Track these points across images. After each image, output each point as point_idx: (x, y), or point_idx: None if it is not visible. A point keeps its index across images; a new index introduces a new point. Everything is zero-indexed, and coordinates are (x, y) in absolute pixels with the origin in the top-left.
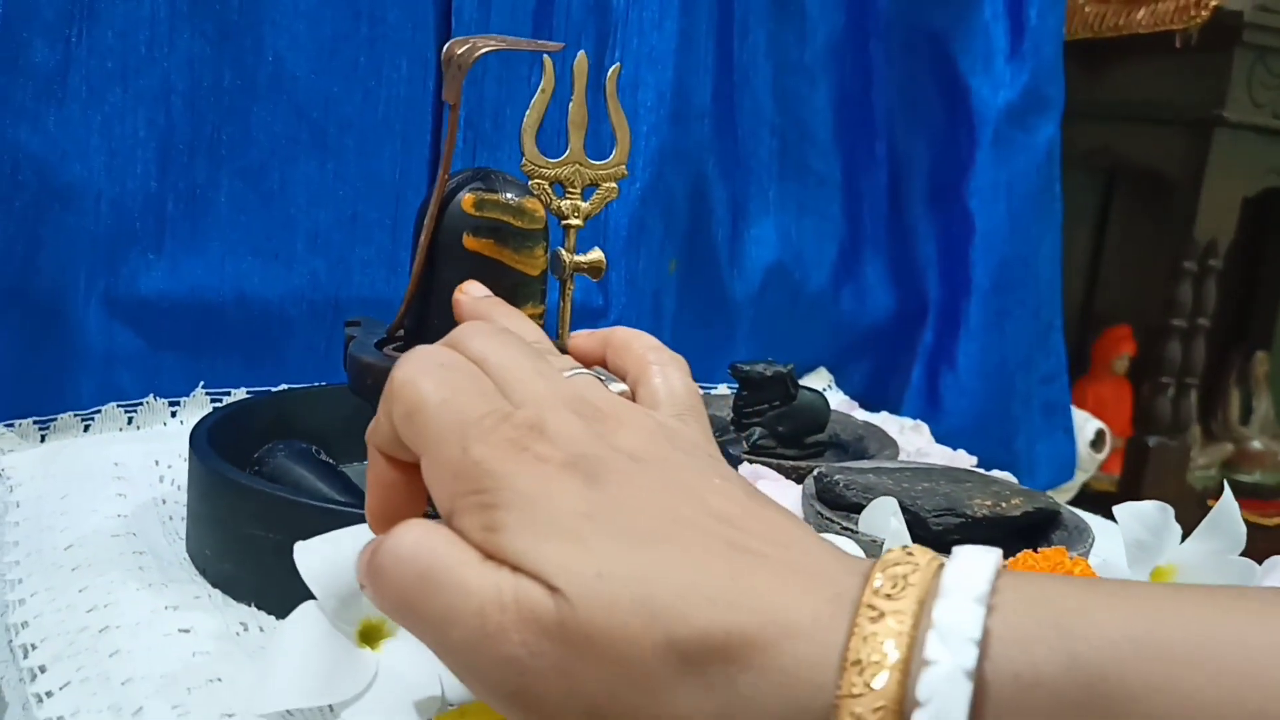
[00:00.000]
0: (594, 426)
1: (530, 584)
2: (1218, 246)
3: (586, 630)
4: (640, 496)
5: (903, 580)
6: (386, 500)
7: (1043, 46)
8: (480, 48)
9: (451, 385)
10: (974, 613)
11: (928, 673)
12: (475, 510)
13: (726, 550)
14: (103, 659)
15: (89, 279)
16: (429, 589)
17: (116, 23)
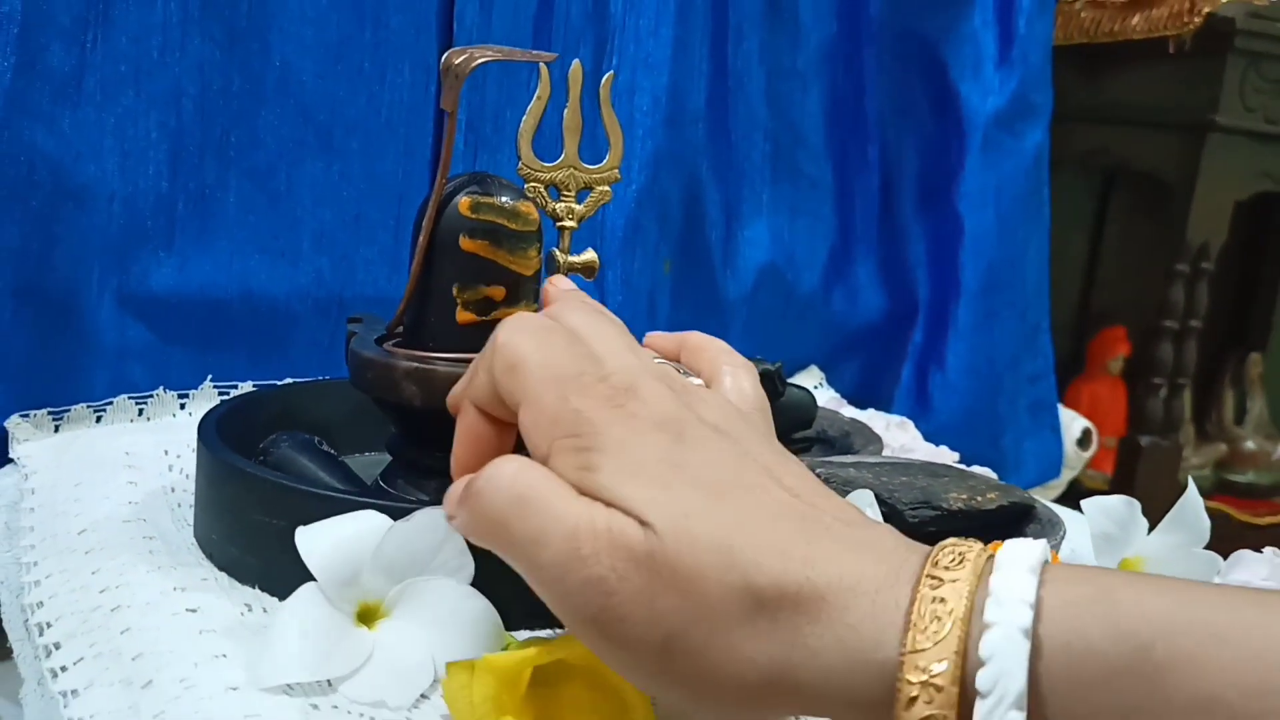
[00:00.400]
0: (682, 397)
1: (623, 518)
2: (1210, 249)
3: (673, 563)
4: (722, 460)
5: (960, 557)
6: (476, 452)
7: (1031, 54)
8: (477, 58)
9: (552, 345)
10: (1028, 581)
11: (989, 633)
12: (572, 452)
13: (799, 517)
14: (114, 636)
15: (102, 276)
16: (525, 512)
17: (130, 28)
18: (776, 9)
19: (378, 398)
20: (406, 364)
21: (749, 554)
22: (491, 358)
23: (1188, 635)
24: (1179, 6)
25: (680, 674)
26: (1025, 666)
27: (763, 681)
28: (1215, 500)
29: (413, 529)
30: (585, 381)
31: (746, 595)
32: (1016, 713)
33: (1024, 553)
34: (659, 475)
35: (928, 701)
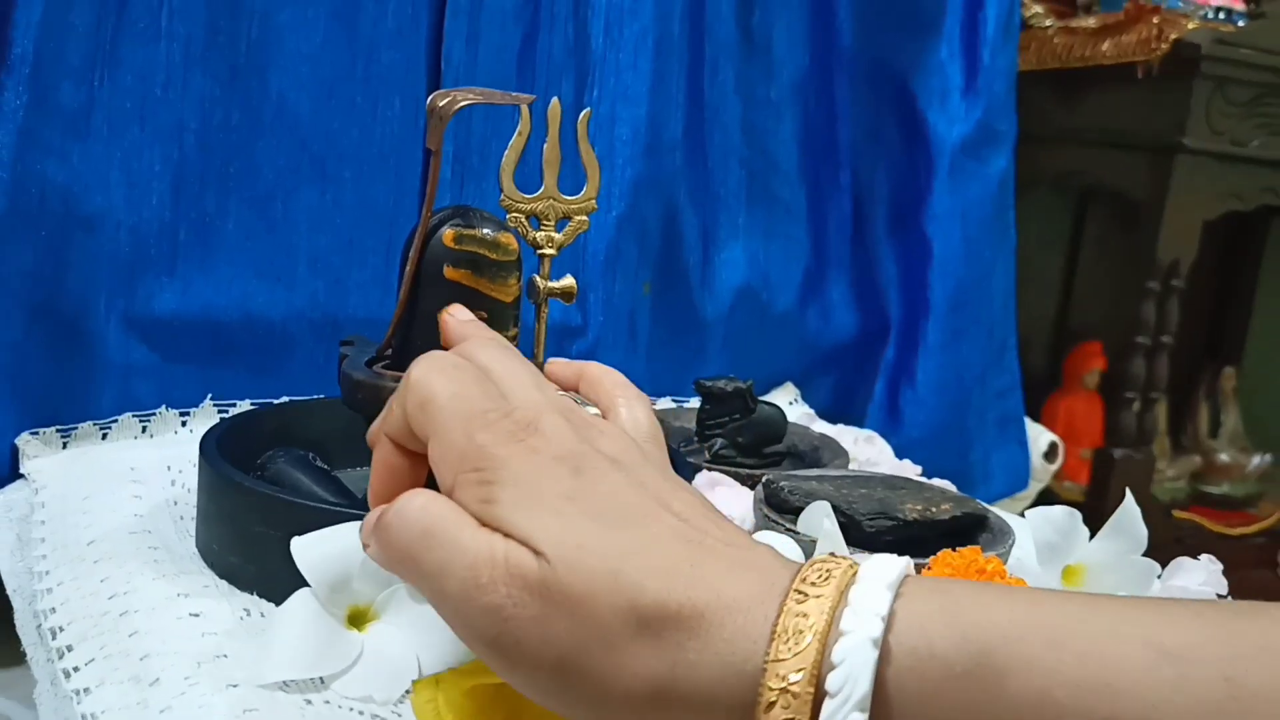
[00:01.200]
0: (581, 431)
1: (519, 548)
2: (1180, 267)
3: (565, 590)
4: (616, 491)
5: (827, 573)
6: (390, 482)
7: (995, 84)
8: (460, 101)
9: (461, 383)
10: (883, 595)
11: (841, 641)
12: (475, 485)
13: (684, 542)
14: (123, 638)
15: (109, 299)
16: (430, 544)
17: (136, 67)
18: (750, 42)
19: (368, 416)
20: (394, 385)
21: (635, 577)
22: (405, 394)
23: (1024, 640)
24: (1147, 33)
25: (574, 692)
26: (871, 672)
27: (650, 694)
28: (1190, 511)
29: None
30: (490, 418)
31: (632, 616)
32: (859, 714)
33: (884, 569)
34: (555, 507)
35: (785, 706)
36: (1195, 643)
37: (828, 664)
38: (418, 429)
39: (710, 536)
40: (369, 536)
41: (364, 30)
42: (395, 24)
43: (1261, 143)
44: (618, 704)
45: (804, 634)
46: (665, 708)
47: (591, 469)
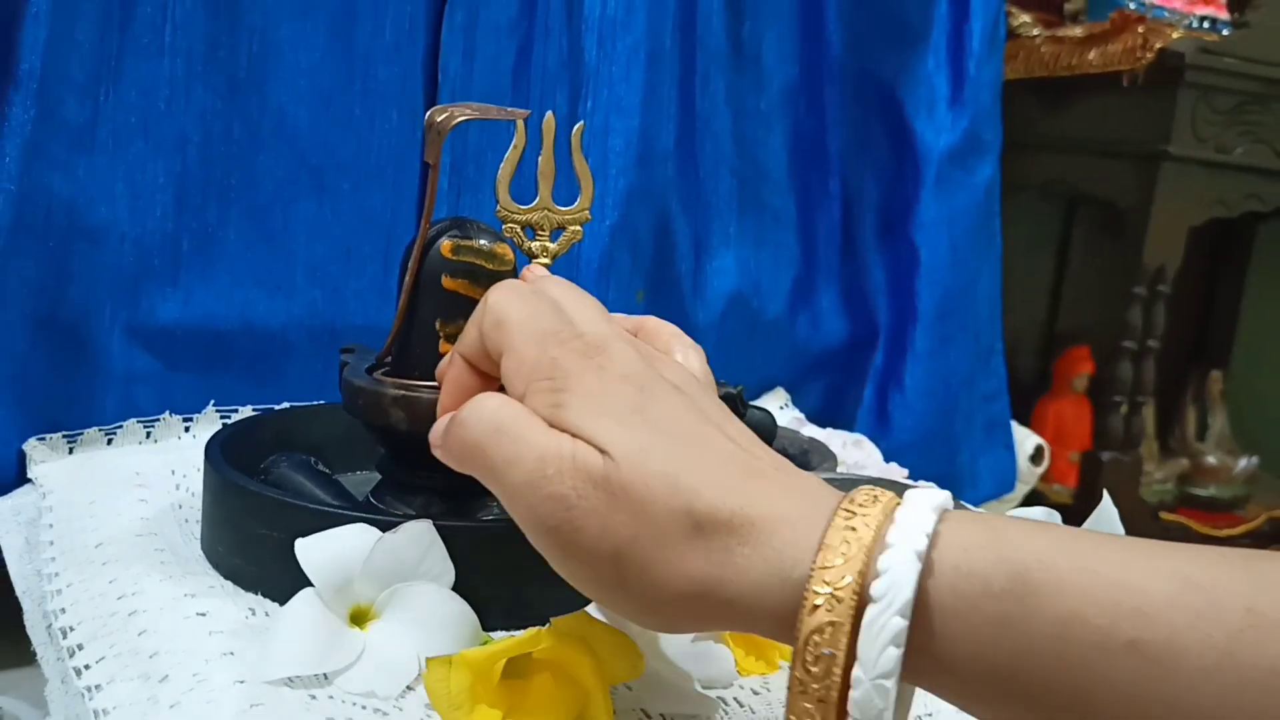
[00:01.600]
0: (645, 360)
1: (586, 446)
2: (1166, 272)
3: (626, 486)
4: (677, 411)
5: (874, 498)
6: (461, 399)
7: (981, 95)
8: (457, 116)
9: (535, 306)
10: (928, 516)
11: (887, 553)
12: (547, 392)
13: (739, 462)
14: (132, 637)
15: (113, 308)
16: (501, 439)
17: (139, 82)
18: (741, 53)
19: (367, 422)
20: (394, 391)
21: (693, 484)
22: (482, 315)
23: (1058, 565)
24: (1132, 42)
25: (626, 584)
26: (914, 582)
27: (698, 593)
28: (1178, 513)
29: (400, 540)
30: (562, 336)
31: (687, 518)
32: (900, 619)
33: (929, 496)
34: (621, 416)
35: (829, 610)
36: (1219, 576)
37: (872, 573)
38: (492, 346)
39: (762, 461)
40: (440, 437)
41: (361, 45)
42: (393, 39)
43: (1245, 150)
44: (667, 600)
45: (851, 544)
46: (711, 607)
47: (655, 389)
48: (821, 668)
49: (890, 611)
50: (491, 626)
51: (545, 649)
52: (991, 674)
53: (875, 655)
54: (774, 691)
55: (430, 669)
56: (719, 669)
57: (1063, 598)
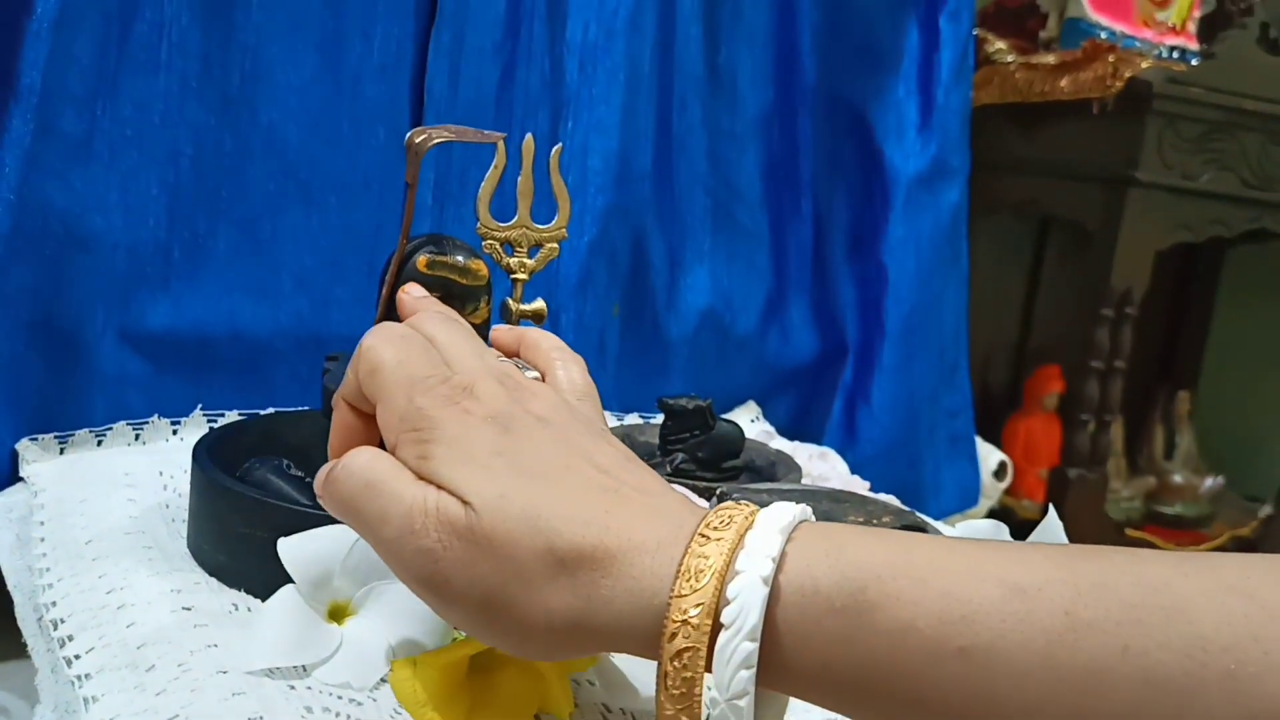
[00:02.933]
0: (513, 394)
1: (449, 498)
2: (1133, 294)
3: (488, 534)
4: (541, 447)
5: (729, 519)
6: (346, 441)
7: (949, 122)
8: (435, 138)
9: (406, 351)
10: (775, 539)
11: (736, 579)
12: (413, 444)
13: (601, 491)
14: (120, 629)
15: (105, 314)
16: (371, 494)
17: (134, 97)
18: (717, 78)
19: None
20: None
21: (553, 522)
22: (358, 361)
23: (894, 578)
24: (1103, 70)
25: (500, 624)
26: (761, 606)
27: (567, 627)
28: (1144, 531)
29: None
30: (430, 383)
31: (550, 556)
32: (749, 643)
33: (778, 516)
34: (483, 462)
35: (685, 636)
36: (1041, 580)
37: (724, 600)
38: (368, 393)
39: (627, 486)
40: (321, 488)
41: (350, 64)
42: (380, 59)
43: (1211, 177)
44: (539, 636)
45: (704, 573)
46: (582, 639)
47: (520, 428)
48: (683, 689)
49: (740, 637)
50: None
51: None
52: (838, 683)
53: (728, 678)
54: None
55: (395, 671)
56: None
57: (898, 610)
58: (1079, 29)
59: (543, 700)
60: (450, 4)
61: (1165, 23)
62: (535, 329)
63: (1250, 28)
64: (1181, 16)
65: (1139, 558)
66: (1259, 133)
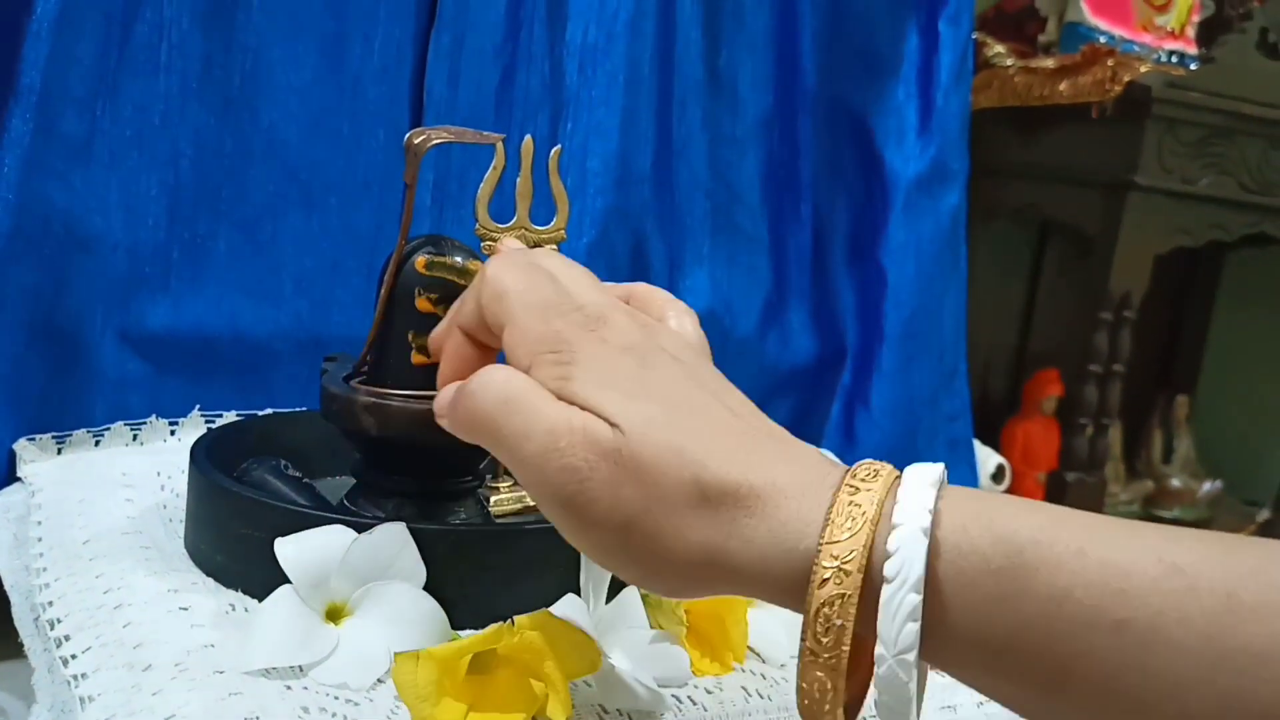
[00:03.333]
0: (644, 329)
1: (595, 418)
2: (1132, 299)
3: (636, 458)
4: (677, 382)
5: (875, 472)
6: (460, 371)
7: (948, 126)
8: (433, 139)
9: (534, 278)
10: (929, 493)
11: (896, 531)
12: (552, 365)
13: (740, 432)
14: (118, 629)
15: (105, 315)
16: (511, 410)
17: (135, 98)
18: (717, 81)
19: (342, 427)
20: (366, 399)
21: (699, 455)
22: (480, 287)
23: (1052, 545)
24: (1102, 75)
25: (636, 552)
26: (924, 559)
27: (704, 561)
28: None
29: (374, 541)
30: (563, 309)
31: (694, 489)
32: (914, 595)
33: (926, 472)
34: (626, 388)
35: (838, 583)
36: (1201, 562)
37: (880, 551)
38: (492, 318)
39: (761, 431)
40: (446, 408)
41: (351, 66)
42: (380, 61)
43: (1210, 182)
44: (675, 567)
45: (857, 520)
46: (717, 575)
47: (655, 361)
48: (832, 638)
49: (905, 589)
50: (460, 624)
51: (508, 645)
52: (987, 647)
53: (895, 633)
54: (726, 691)
55: (398, 663)
56: (674, 668)
57: (1055, 576)
58: (1078, 33)
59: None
60: (450, 6)
61: (1164, 27)
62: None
63: (1249, 32)
64: (1181, 21)
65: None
66: (1258, 137)
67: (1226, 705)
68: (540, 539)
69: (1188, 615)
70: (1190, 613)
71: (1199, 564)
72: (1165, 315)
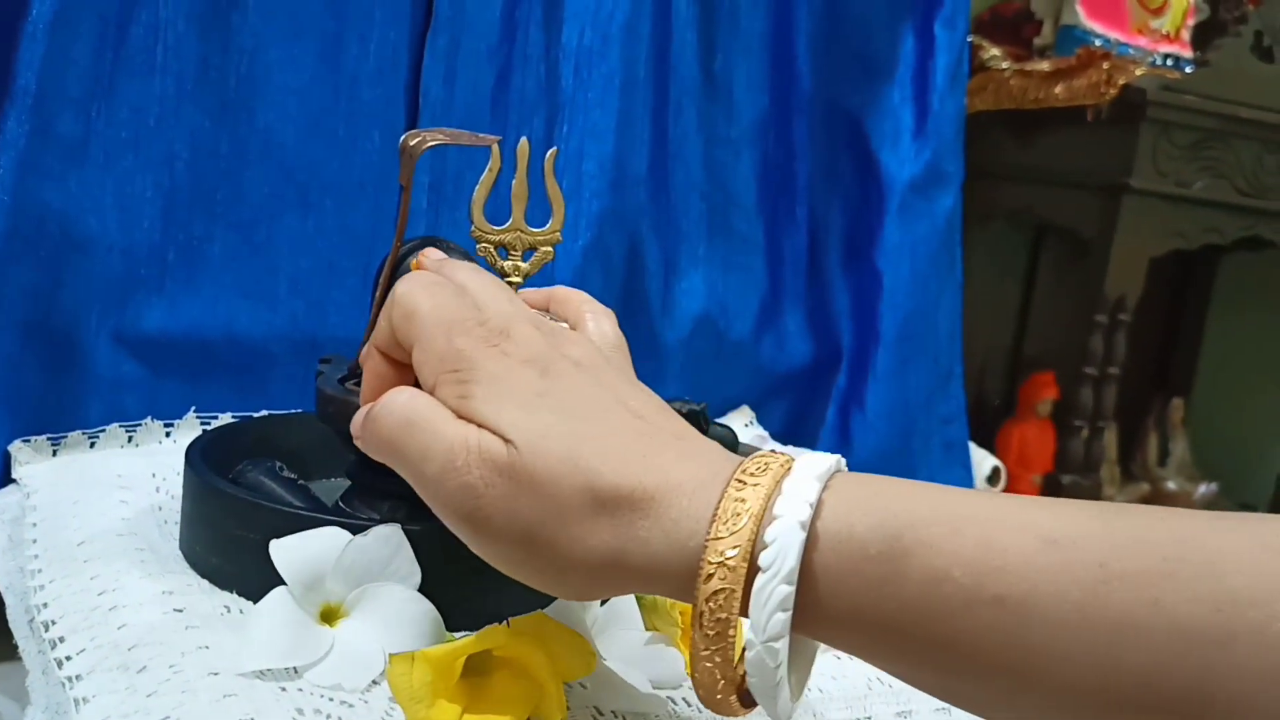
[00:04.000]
0: (549, 338)
1: (491, 436)
2: (1127, 302)
3: (530, 472)
4: (579, 389)
5: (765, 465)
6: (379, 389)
7: (943, 128)
8: (429, 141)
9: (441, 296)
10: (812, 486)
11: (774, 524)
12: (453, 383)
13: (638, 435)
14: (112, 631)
15: (100, 316)
16: (413, 431)
17: (131, 100)
18: (713, 84)
19: (336, 429)
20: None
21: (593, 462)
22: (391, 307)
23: (929, 528)
24: (1097, 78)
25: (538, 561)
26: (799, 550)
27: (604, 565)
28: None
29: (368, 542)
30: (467, 325)
31: (589, 495)
32: (785, 586)
33: (815, 464)
34: (523, 402)
35: (721, 578)
36: (1077, 534)
37: (760, 544)
38: (402, 338)
39: (664, 431)
40: (359, 429)
41: (347, 68)
42: (376, 63)
43: (1204, 184)
44: (575, 573)
45: (741, 516)
46: (617, 578)
47: (557, 370)
48: (718, 630)
49: (777, 580)
50: (455, 626)
51: (503, 646)
52: (872, 628)
53: (764, 620)
54: None
55: (393, 664)
56: (668, 670)
57: (933, 558)
58: (1074, 36)
59: (536, 703)
60: (446, 8)
61: (1159, 30)
62: (562, 287)
63: (1244, 36)
64: (1176, 24)
65: (1173, 514)
66: (1253, 140)
67: (1104, 675)
68: None
69: (1062, 588)
70: (1064, 585)
71: (1076, 537)
72: (1160, 318)
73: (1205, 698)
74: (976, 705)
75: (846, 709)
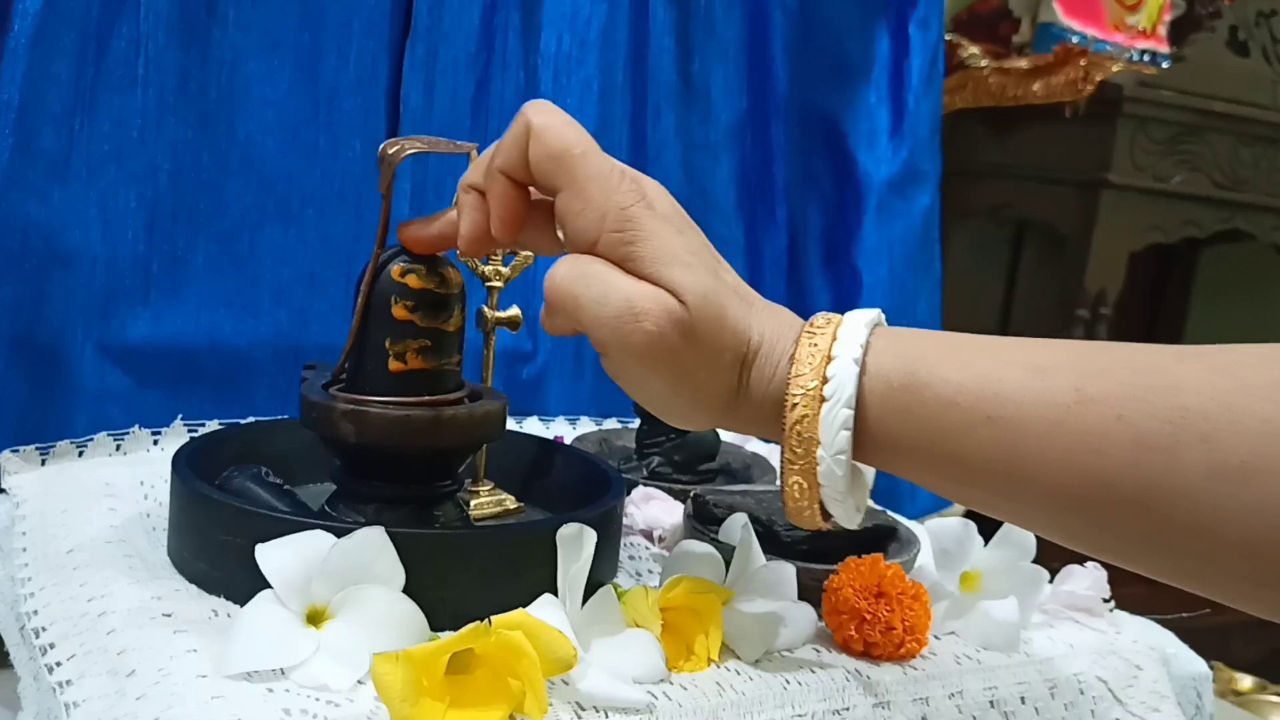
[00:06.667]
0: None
1: (666, 294)
2: (1107, 295)
3: (695, 329)
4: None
5: (828, 320)
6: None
7: (919, 128)
8: (407, 149)
9: (587, 143)
10: (862, 332)
11: (834, 362)
12: (619, 245)
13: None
14: (102, 636)
15: (85, 328)
16: (589, 282)
17: (112, 114)
18: (690, 88)
19: (320, 434)
20: (344, 406)
21: (732, 323)
22: (527, 136)
23: (940, 363)
24: (1075, 75)
25: (681, 398)
26: (854, 380)
27: (726, 407)
28: None
29: (354, 545)
30: (614, 179)
31: (731, 351)
32: (846, 409)
33: (863, 315)
34: (684, 261)
35: (805, 406)
36: (1057, 364)
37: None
38: (547, 177)
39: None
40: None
41: (326, 79)
42: (355, 74)
43: (1182, 179)
44: (707, 408)
45: (814, 358)
46: (736, 410)
47: (687, 228)
48: (803, 448)
49: (839, 404)
50: (439, 626)
51: (486, 644)
52: (902, 446)
53: (832, 437)
54: (700, 687)
55: (378, 664)
56: (650, 665)
57: (941, 388)
58: (1051, 34)
59: (519, 699)
60: (424, 17)
61: (1136, 26)
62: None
63: (1219, 31)
64: (1152, 20)
65: (1142, 349)
66: (1229, 134)
67: (1077, 478)
68: (517, 541)
69: (1044, 408)
70: (1046, 406)
71: (1058, 367)
72: (1141, 312)
73: (1153, 493)
74: (988, 508)
75: (824, 700)
